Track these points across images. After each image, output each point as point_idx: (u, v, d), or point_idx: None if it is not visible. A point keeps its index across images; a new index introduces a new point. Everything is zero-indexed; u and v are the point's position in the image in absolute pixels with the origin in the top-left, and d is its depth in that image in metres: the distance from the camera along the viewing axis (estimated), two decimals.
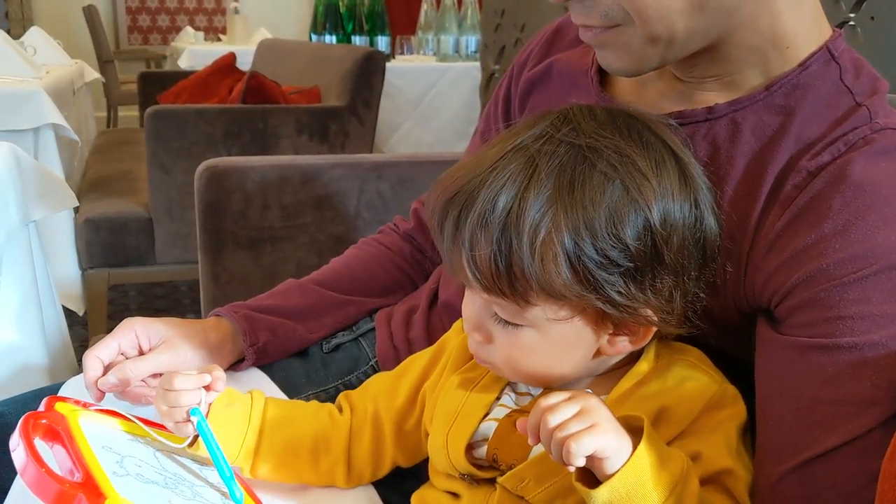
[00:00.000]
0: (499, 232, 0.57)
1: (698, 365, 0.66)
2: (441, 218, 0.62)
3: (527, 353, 0.63)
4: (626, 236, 0.57)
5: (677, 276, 0.60)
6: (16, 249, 1.20)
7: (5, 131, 2.13)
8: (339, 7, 3.76)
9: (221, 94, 2.92)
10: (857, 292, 0.58)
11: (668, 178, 0.60)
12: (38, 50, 3.00)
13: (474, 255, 0.58)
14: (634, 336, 0.63)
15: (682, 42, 0.65)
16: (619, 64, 0.68)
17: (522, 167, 0.59)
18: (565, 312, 0.60)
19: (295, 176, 1.44)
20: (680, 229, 0.59)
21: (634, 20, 0.63)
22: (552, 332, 0.61)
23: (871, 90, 0.67)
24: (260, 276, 1.45)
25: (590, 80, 0.79)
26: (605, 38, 0.67)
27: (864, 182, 0.60)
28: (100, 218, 2.21)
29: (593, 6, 0.65)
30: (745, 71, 0.69)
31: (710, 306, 0.66)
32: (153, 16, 6.47)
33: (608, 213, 0.57)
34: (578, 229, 0.56)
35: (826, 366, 0.59)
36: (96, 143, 3.37)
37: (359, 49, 2.56)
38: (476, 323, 0.64)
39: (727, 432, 0.62)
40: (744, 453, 0.63)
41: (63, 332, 1.49)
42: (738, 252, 0.66)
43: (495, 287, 0.59)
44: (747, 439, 0.64)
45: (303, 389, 0.91)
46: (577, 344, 0.62)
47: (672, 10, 0.62)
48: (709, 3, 0.63)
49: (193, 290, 2.88)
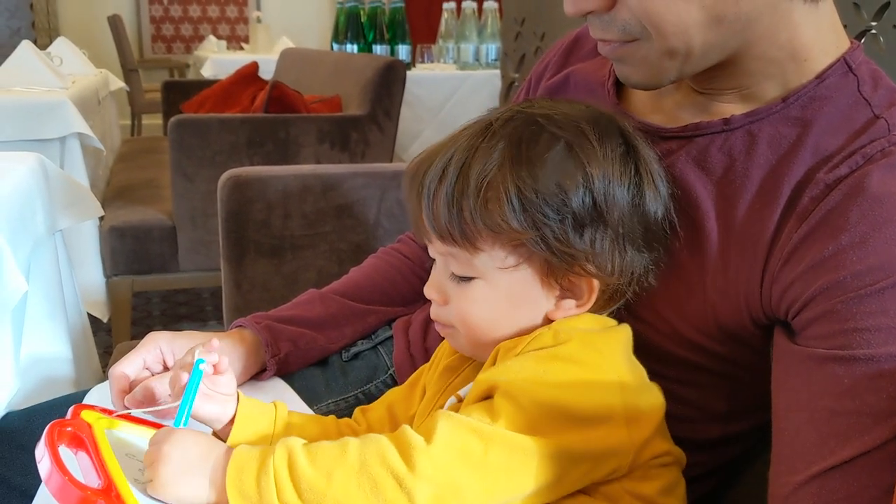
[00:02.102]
0: (452, 181, 0.64)
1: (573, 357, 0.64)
2: (408, 184, 0.68)
3: (477, 307, 0.67)
4: (566, 188, 0.63)
5: (616, 237, 0.65)
6: (43, 258, 1.22)
7: (32, 140, 2.16)
8: (360, 16, 3.78)
9: (244, 103, 2.94)
10: (874, 304, 0.59)
11: (612, 149, 0.65)
12: (64, 60, 3.05)
13: (431, 203, 0.65)
14: (580, 300, 0.66)
15: (700, 55, 0.65)
16: (638, 77, 0.69)
17: (480, 131, 0.66)
18: (512, 260, 0.65)
19: (316, 185, 1.46)
20: (618, 195, 0.64)
21: (652, 34, 0.64)
22: (501, 282, 0.66)
23: (890, 102, 0.67)
24: (281, 284, 1.46)
25: (606, 92, 0.80)
26: (624, 51, 0.67)
27: (882, 194, 0.61)
28: (124, 226, 2.24)
29: (611, 21, 0.65)
30: (763, 83, 0.69)
31: (721, 312, 0.67)
32: (177, 25, 6.54)
33: (551, 165, 0.63)
34: (522, 177, 0.62)
35: (843, 377, 0.59)
36: (121, 151, 3.41)
37: (380, 58, 2.57)
38: (436, 284, 0.70)
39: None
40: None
41: (88, 338, 1.51)
42: (754, 263, 0.66)
43: (447, 234, 0.65)
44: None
45: (322, 398, 0.92)
46: (525, 299, 0.66)
47: (690, 24, 0.63)
48: (727, 17, 0.63)
49: (216, 297, 2.91)
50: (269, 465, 0.58)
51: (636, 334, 0.69)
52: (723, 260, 0.67)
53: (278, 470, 0.57)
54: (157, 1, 6.45)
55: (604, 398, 0.62)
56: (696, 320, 0.69)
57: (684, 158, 0.71)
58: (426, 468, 0.56)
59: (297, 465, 0.57)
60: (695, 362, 0.71)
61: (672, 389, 0.70)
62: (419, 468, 0.56)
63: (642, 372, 0.67)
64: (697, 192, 0.69)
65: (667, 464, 0.67)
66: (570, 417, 0.60)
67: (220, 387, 0.69)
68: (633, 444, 0.62)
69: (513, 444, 0.58)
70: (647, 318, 0.71)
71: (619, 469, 0.63)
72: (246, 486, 0.57)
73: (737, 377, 0.72)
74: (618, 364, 0.64)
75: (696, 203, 0.69)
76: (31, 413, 0.93)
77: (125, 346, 1.40)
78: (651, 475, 0.66)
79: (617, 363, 0.64)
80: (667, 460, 0.67)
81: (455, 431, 0.58)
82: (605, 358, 0.64)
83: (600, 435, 0.61)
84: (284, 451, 0.58)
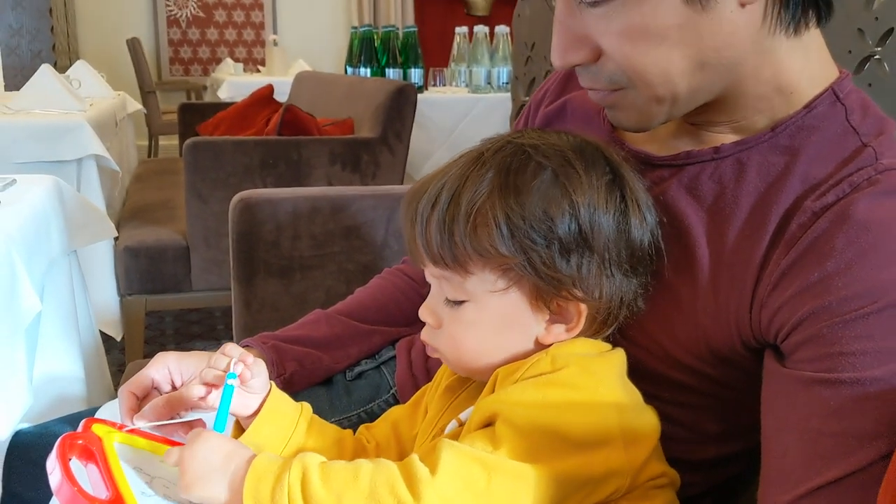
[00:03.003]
0: (444, 207, 0.66)
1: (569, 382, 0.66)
2: (404, 210, 0.71)
3: (467, 329, 0.69)
4: (552, 215, 0.65)
5: (603, 262, 0.67)
6: (58, 277, 1.25)
7: (50, 162, 2.21)
8: (373, 40, 3.83)
9: (259, 125, 2.99)
10: (859, 329, 0.60)
11: (598, 178, 0.67)
12: (82, 83, 3.10)
13: (424, 229, 0.68)
14: (569, 324, 0.68)
15: (687, 99, 0.67)
16: (628, 122, 0.72)
17: (472, 161, 0.69)
18: (501, 283, 0.67)
19: (325, 207, 1.48)
20: (604, 222, 0.66)
21: (636, 83, 0.66)
22: (491, 306, 0.68)
23: (878, 130, 0.68)
24: (290, 304, 1.48)
25: (602, 120, 0.82)
26: (613, 99, 0.70)
27: (868, 221, 0.62)
28: (138, 246, 2.27)
29: (598, 72, 0.68)
30: (752, 116, 0.71)
31: (713, 336, 0.68)
32: (194, 48, 6.62)
33: (538, 194, 0.65)
34: (510, 204, 0.65)
35: (829, 399, 0.60)
36: (137, 171, 3.46)
37: (391, 82, 2.61)
38: (431, 307, 0.72)
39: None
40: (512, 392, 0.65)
41: (101, 357, 1.54)
42: (743, 288, 0.67)
43: (440, 258, 0.67)
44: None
45: (326, 416, 0.94)
46: (515, 323, 0.68)
47: (673, 72, 0.65)
48: (709, 62, 0.65)
49: (228, 317, 2.93)
50: (284, 480, 0.60)
51: (630, 357, 0.70)
52: (713, 285, 0.69)
53: (292, 486, 0.59)
54: (176, 24, 6.54)
55: (602, 422, 0.63)
56: (687, 344, 0.70)
57: (676, 186, 0.72)
58: (432, 499, 0.58)
59: (311, 483, 0.59)
60: (688, 384, 0.72)
61: (666, 411, 0.71)
62: (425, 499, 0.58)
63: (637, 394, 0.68)
64: (689, 218, 0.71)
65: (662, 485, 0.68)
66: (570, 442, 0.62)
67: (252, 387, 0.72)
68: (631, 466, 0.64)
69: (515, 472, 0.60)
70: (641, 341, 0.72)
71: (618, 491, 0.64)
72: (261, 497, 0.60)
73: (730, 399, 0.73)
74: (614, 388, 0.66)
75: (688, 229, 0.71)
76: (43, 429, 0.95)
77: (137, 364, 1.42)
78: (648, 496, 0.67)
79: (613, 387, 0.66)
80: (662, 482, 0.68)
81: (458, 461, 0.59)
82: (602, 382, 0.65)
83: (600, 458, 0.62)
84: (300, 468, 0.60)
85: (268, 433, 0.72)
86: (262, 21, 6.70)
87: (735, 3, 0.63)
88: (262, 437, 0.71)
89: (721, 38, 0.64)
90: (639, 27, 0.63)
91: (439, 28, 6.69)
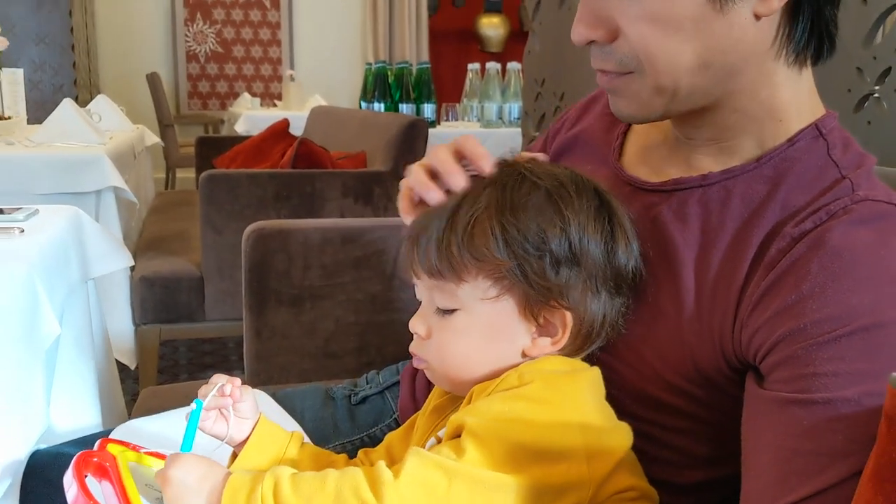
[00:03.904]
0: (443, 221, 0.71)
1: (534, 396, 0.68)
2: (407, 228, 0.75)
3: (457, 338, 0.72)
4: (545, 229, 0.69)
5: (589, 278, 0.71)
6: (76, 304, 1.29)
7: (71, 193, 2.27)
8: (387, 76, 3.91)
9: (274, 158, 3.04)
10: (831, 351, 0.62)
11: (588, 202, 0.72)
12: (103, 116, 3.17)
13: (423, 241, 0.72)
14: (554, 337, 0.71)
15: (686, 96, 0.71)
16: (628, 110, 0.75)
17: (471, 186, 0.73)
18: (493, 291, 0.70)
19: (335, 237, 1.52)
20: (592, 241, 0.71)
21: (645, 69, 0.70)
22: (482, 314, 0.71)
23: (857, 164, 0.72)
24: (300, 333, 1.51)
25: (609, 149, 0.86)
26: (618, 83, 0.73)
27: (842, 248, 0.65)
28: (154, 276, 2.31)
29: (611, 52, 0.72)
30: (740, 138, 0.75)
31: (699, 356, 0.71)
32: (213, 82, 6.73)
33: (533, 209, 0.70)
34: (506, 216, 0.69)
35: (803, 419, 0.62)
36: (154, 203, 3.52)
37: (403, 117, 2.66)
38: (422, 317, 0.75)
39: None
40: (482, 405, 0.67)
41: (115, 384, 1.57)
42: (727, 309, 0.70)
43: (436, 269, 0.71)
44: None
45: (331, 440, 0.97)
46: (504, 333, 0.71)
47: (680, 64, 0.69)
48: (714, 64, 0.69)
49: (240, 347, 2.96)
50: (257, 491, 0.63)
51: (621, 378, 0.74)
52: (699, 306, 0.72)
53: (265, 496, 0.62)
54: (195, 59, 6.66)
55: (564, 434, 0.66)
56: (675, 363, 0.73)
57: (666, 210, 0.76)
58: (392, 501, 0.61)
59: (282, 492, 0.63)
60: (676, 406, 0.75)
61: (655, 433, 0.74)
62: (386, 501, 0.61)
63: (609, 411, 0.71)
64: (676, 241, 0.74)
65: (633, 499, 0.70)
66: (531, 454, 0.64)
67: (239, 411, 0.75)
68: (592, 480, 0.66)
69: (476, 478, 0.62)
70: (631, 361, 0.75)
71: (580, 502, 0.67)
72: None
73: (718, 423, 0.75)
74: (580, 403, 0.69)
75: (675, 252, 0.74)
76: (59, 450, 0.99)
77: (151, 390, 1.46)
78: None
79: (579, 402, 0.69)
80: (632, 495, 0.70)
81: (421, 466, 0.62)
82: (567, 397, 0.68)
83: (560, 470, 0.65)
84: (272, 479, 0.64)
85: (258, 459, 0.75)
86: (280, 56, 6.82)
87: (750, 13, 0.67)
88: (252, 462, 0.74)
89: (729, 41, 0.68)
90: (659, 12, 0.68)
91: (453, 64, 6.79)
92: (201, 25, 6.62)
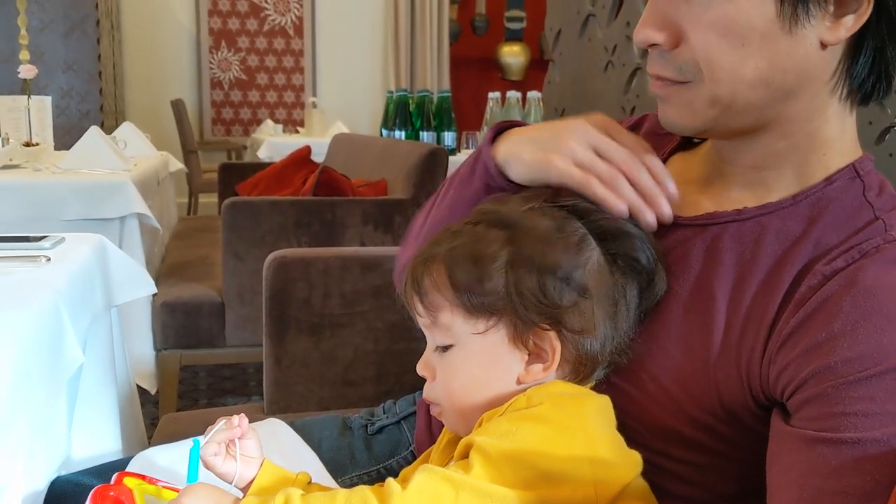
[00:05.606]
0: (445, 253, 0.74)
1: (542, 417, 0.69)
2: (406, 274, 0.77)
3: (456, 372, 0.75)
4: (546, 264, 0.71)
5: (583, 301, 0.72)
6: (99, 332, 1.30)
7: (95, 220, 2.30)
8: (408, 105, 3.94)
9: (296, 185, 3.07)
10: (861, 390, 0.62)
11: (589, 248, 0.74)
12: (128, 143, 3.22)
13: (419, 275, 0.75)
14: (545, 362, 0.72)
15: (739, 111, 0.71)
16: (678, 119, 0.75)
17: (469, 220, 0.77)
18: (481, 325, 0.72)
19: (355, 266, 1.53)
20: (597, 279, 0.73)
21: (705, 78, 0.70)
22: (475, 347, 0.73)
23: (892, 206, 0.72)
24: (319, 361, 1.52)
25: None
26: (672, 91, 0.74)
27: (874, 287, 0.65)
28: (175, 302, 2.33)
29: (672, 59, 0.72)
30: (781, 168, 0.75)
31: (725, 392, 0.71)
32: (236, 109, 6.81)
33: (535, 241, 0.72)
34: (514, 251, 0.72)
35: (830, 458, 0.62)
36: (176, 229, 3.55)
37: (424, 146, 2.69)
38: (425, 360, 0.77)
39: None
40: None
41: (136, 409, 1.58)
42: (756, 345, 0.70)
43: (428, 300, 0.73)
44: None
45: (347, 470, 0.97)
46: (497, 362, 0.72)
47: (741, 78, 0.69)
48: (773, 83, 0.69)
49: (260, 373, 2.93)
50: None
51: (645, 413, 0.74)
52: (728, 342, 0.72)
53: None
54: (219, 86, 6.75)
55: (572, 455, 0.67)
56: (701, 399, 0.73)
57: (699, 245, 0.76)
58: None
59: None
60: (700, 442, 0.74)
61: (678, 470, 0.73)
62: None
63: (618, 436, 0.71)
64: (709, 277, 0.74)
65: None
66: (538, 473, 0.65)
67: (245, 449, 0.75)
68: (599, 500, 0.66)
69: (482, 491, 0.63)
70: (654, 393, 0.75)
71: None
72: None
73: (743, 460, 0.74)
74: (588, 425, 0.69)
75: (708, 287, 0.74)
76: (78, 479, 1.00)
77: (171, 417, 1.47)
78: None
79: (587, 424, 0.69)
80: None
81: (429, 479, 0.63)
82: (575, 418, 0.69)
83: (566, 491, 0.65)
84: (283, 498, 0.65)
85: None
86: (303, 84, 6.89)
87: (817, 40, 0.68)
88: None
89: (792, 62, 0.69)
90: (729, 23, 0.68)
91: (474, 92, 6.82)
92: (226, 53, 6.72)
